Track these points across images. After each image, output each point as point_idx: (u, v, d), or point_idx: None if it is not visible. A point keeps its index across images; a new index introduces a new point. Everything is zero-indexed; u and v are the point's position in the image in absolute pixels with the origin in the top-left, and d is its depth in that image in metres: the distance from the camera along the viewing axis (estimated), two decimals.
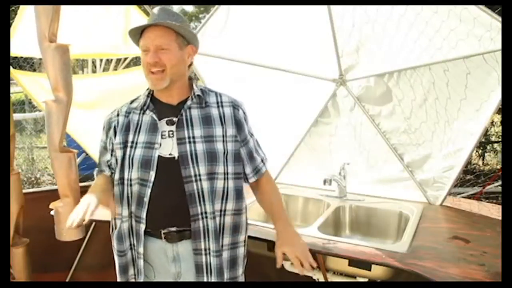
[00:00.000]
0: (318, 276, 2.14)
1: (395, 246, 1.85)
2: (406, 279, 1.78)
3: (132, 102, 1.59)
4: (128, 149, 1.50)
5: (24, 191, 1.87)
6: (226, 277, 1.52)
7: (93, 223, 2.58)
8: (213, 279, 1.49)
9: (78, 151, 1.75)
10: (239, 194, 1.55)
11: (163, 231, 1.49)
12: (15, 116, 4.76)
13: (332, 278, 2.07)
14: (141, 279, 1.52)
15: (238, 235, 1.56)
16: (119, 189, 1.53)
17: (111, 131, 1.56)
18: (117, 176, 1.54)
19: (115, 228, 1.57)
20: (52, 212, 1.78)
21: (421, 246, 1.82)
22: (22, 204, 1.81)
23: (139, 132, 1.51)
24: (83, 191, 1.67)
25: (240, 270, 1.58)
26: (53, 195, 1.72)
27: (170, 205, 1.48)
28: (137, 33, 1.48)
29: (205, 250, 1.48)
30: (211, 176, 1.48)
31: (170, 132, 1.49)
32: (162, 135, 1.49)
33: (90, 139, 2.75)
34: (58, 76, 1.58)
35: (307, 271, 1.55)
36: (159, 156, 1.47)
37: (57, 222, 1.67)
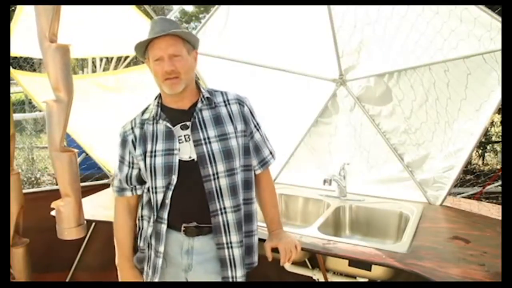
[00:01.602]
0: (318, 276, 2.15)
1: (395, 246, 1.85)
2: (406, 279, 1.79)
3: (143, 113, 1.63)
4: (148, 158, 1.55)
5: (24, 191, 1.87)
6: (245, 262, 1.60)
7: (93, 223, 2.58)
8: (238, 269, 1.56)
9: (78, 151, 1.76)
10: (248, 184, 1.63)
11: (183, 225, 1.55)
12: (15, 116, 4.76)
13: (332, 278, 2.07)
14: (156, 278, 1.57)
15: (251, 224, 1.64)
16: (147, 196, 1.61)
17: (130, 144, 1.60)
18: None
19: (142, 228, 1.64)
20: (53, 212, 1.79)
21: (421, 246, 1.81)
22: (22, 204, 1.81)
23: (156, 141, 1.56)
24: (83, 191, 1.69)
25: (256, 257, 1.67)
26: (53, 195, 1.72)
27: (190, 204, 1.55)
28: (144, 46, 1.53)
29: (227, 243, 1.55)
30: (230, 172, 1.54)
31: (186, 136, 1.55)
32: (179, 140, 1.54)
33: (91, 140, 2.75)
34: (59, 76, 1.58)
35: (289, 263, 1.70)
36: (180, 161, 1.53)
37: (59, 221, 1.68)
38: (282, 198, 2.64)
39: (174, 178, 1.52)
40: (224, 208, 1.54)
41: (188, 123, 1.55)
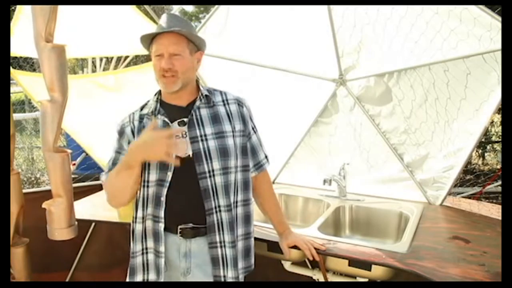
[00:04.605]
0: (318, 276, 2.15)
1: (395, 246, 1.85)
2: (406, 279, 1.78)
3: (142, 108, 1.63)
4: None
5: (24, 191, 1.86)
6: (240, 266, 1.59)
7: (93, 224, 2.58)
8: (229, 270, 1.54)
9: (77, 151, 1.76)
10: (247, 185, 1.63)
11: (179, 227, 1.54)
12: (15, 116, 4.76)
13: (332, 278, 2.07)
14: (161, 279, 1.54)
15: (249, 226, 1.64)
16: (138, 193, 1.58)
17: (129, 134, 1.59)
18: None
19: (135, 230, 1.62)
20: None
21: (421, 246, 1.81)
22: (22, 204, 1.81)
23: None
24: (83, 191, 1.69)
25: (253, 260, 1.67)
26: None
27: (186, 202, 1.54)
28: (149, 39, 1.52)
29: (220, 242, 1.54)
30: (225, 170, 1.54)
31: (183, 133, 1.54)
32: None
33: (91, 140, 2.75)
34: (53, 76, 1.58)
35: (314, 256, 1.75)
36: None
37: (50, 221, 1.68)
38: (282, 198, 2.64)
39: (170, 174, 1.51)
40: (219, 206, 1.53)
41: (185, 120, 1.55)
